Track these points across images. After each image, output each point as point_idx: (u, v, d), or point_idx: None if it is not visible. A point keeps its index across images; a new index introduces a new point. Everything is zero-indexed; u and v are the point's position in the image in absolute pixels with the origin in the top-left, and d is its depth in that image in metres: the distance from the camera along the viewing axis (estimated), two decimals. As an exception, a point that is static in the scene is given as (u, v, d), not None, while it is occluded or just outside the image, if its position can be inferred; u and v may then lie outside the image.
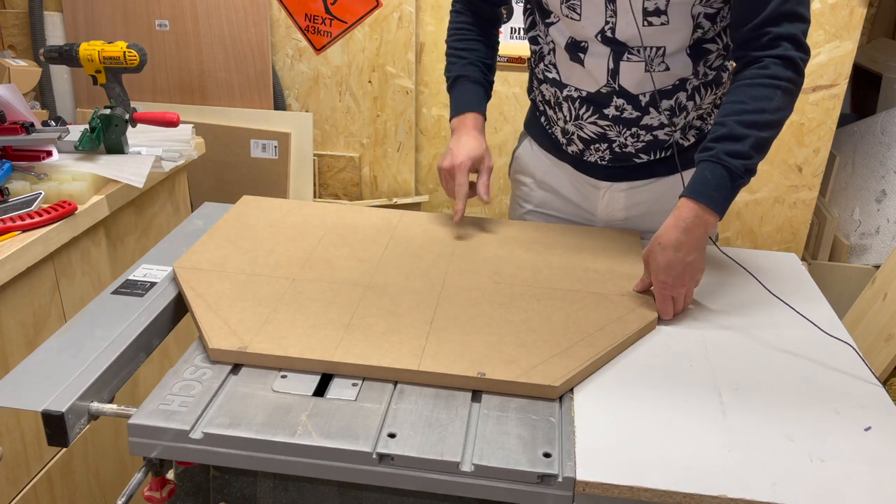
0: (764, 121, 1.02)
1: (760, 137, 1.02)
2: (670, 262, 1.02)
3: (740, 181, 1.02)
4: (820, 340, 1.01)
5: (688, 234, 1.02)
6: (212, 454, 0.79)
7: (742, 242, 2.66)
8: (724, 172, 1.01)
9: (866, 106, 2.90)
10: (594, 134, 1.25)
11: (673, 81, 1.18)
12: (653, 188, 1.31)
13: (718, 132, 1.03)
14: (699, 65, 1.17)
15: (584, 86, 1.22)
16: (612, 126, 1.23)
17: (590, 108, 1.23)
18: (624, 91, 1.19)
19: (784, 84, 1.03)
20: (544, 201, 1.41)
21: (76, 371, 0.86)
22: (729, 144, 1.01)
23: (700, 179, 1.03)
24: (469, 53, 1.32)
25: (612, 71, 1.17)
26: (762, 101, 1.02)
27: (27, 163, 1.48)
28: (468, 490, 0.77)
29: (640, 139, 1.24)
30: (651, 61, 1.15)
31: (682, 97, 1.20)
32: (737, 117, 1.02)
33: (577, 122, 1.26)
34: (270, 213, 1.29)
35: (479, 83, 1.31)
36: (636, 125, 1.22)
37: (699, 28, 1.12)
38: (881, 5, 2.83)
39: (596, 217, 1.37)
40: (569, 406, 0.86)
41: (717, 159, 1.01)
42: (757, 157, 1.02)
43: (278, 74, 2.62)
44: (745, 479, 0.75)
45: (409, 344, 0.92)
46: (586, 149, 1.29)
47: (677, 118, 1.22)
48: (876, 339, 2.12)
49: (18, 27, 2.55)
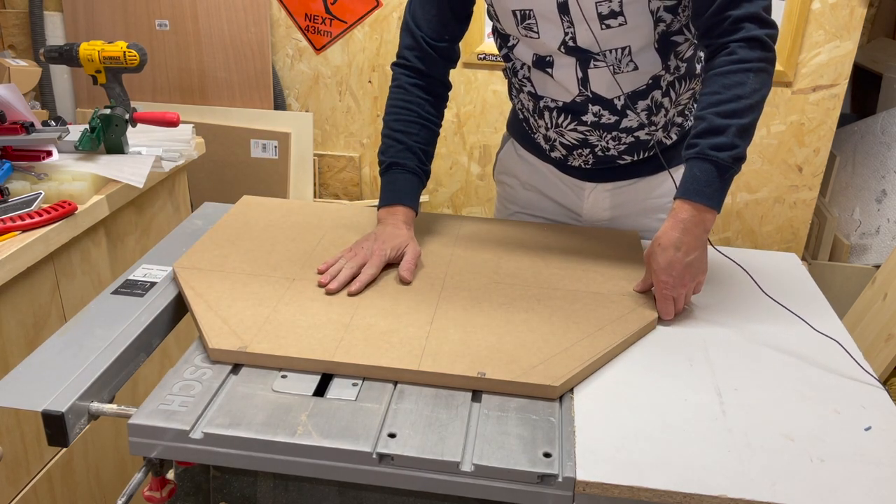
0: (742, 107, 1.01)
1: (742, 124, 1.01)
2: (671, 261, 1.02)
3: (730, 172, 1.02)
4: (820, 340, 1.01)
5: (687, 233, 1.02)
6: (212, 454, 0.79)
7: (742, 242, 2.66)
8: (711, 167, 1.01)
9: (866, 106, 2.90)
10: (575, 140, 1.26)
11: (646, 80, 1.17)
12: (637, 187, 1.31)
13: (700, 127, 1.02)
14: (669, 58, 1.16)
15: (558, 96, 1.22)
16: (592, 131, 1.23)
17: (568, 116, 1.23)
18: (598, 97, 1.18)
19: (754, 65, 1.02)
20: (530, 202, 1.41)
21: (76, 371, 0.86)
22: (712, 138, 1.01)
23: (690, 178, 1.02)
24: (407, 138, 1.21)
25: (582, 79, 1.17)
26: (736, 87, 1.01)
27: (27, 163, 1.48)
28: (468, 490, 0.77)
29: (621, 142, 1.24)
30: (619, 63, 1.14)
31: (657, 95, 1.19)
32: (714, 109, 1.01)
33: (557, 129, 1.26)
34: (270, 213, 1.29)
35: (413, 172, 1.21)
36: (616, 129, 1.22)
37: (661, 22, 1.11)
38: (881, 5, 2.83)
39: (581, 217, 1.37)
40: (569, 406, 0.86)
41: (704, 155, 1.01)
42: (742, 144, 1.02)
43: (278, 74, 2.62)
44: (745, 479, 0.75)
45: (409, 344, 0.92)
46: (569, 154, 1.29)
47: (656, 117, 1.22)
48: (876, 339, 2.12)
49: (18, 27, 2.55)
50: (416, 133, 1.22)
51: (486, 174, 2.71)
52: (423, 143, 1.23)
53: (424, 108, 1.23)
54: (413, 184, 1.21)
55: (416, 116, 1.23)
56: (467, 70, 2.55)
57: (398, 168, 1.21)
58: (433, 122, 1.25)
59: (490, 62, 2.53)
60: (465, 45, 2.37)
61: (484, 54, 2.51)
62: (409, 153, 1.21)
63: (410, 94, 1.23)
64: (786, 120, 2.47)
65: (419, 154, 1.22)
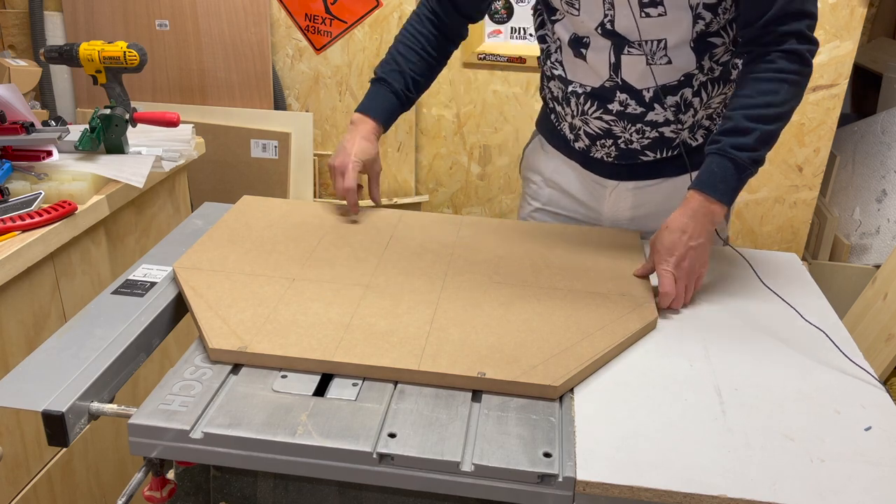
0: (771, 114, 1.06)
1: (766, 130, 1.05)
2: (674, 243, 1.06)
3: (747, 173, 1.06)
4: (820, 340, 1.01)
5: (694, 220, 1.06)
6: (212, 454, 0.79)
7: (742, 242, 2.66)
8: (730, 165, 1.06)
9: (866, 106, 2.90)
10: (599, 129, 1.26)
11: (678, 77, 1.18)
12: (660, 188, 1.31)
13: (726, 125, 1.07)
14: (704, 59, 1.17)
15: (588, 81, 1.23)
16: (617, 121, 1.23)
17: (594, 104, 1.24)
18: (627, 85, 1.19)
19: (791, 77, 1.06)
20: (551, 199, 1.42)
21: (76, 371, 0.86)
22: (735, 138, 1.05)
23: (707, 171, 1.07)
24: (404, 62, 1.31)
25: (614, 65, 1.18)
26: (769, 94, 1.06)
27: (27, 163, 1.48)
28: (468, 490, 0.77)
29: (645, 135, 1.24)
30: (653, 55, 1.15)
31: (687, 93, 1.20)
32: (744, 111, 1.06)
33: (582, 117, 1.26)
34: (270, 213, 1.29)
35: (396, 94, 1.31)
36: (640, 121, 1.22)
37: (700, 19, 1.12)
38: (881, 5, 2.83)
39: (602, 216, 1.37)
40: (569, 406, 0.86)
41: (724, 152, 1.06)
42: (763, 149, 1.06)
43: (278, 74, 2.62)
44: (745, 479, 0.75)
45: (409, 344, 0.92)
46: (592, 144, 1.29)
47: (683, 115, 1.22)
48: (876, 339, 2.12)
49: (18, 27, 2.55)
50: (414, 62, 1.32)
51: (487, 174, 2.71)
52: (416, 72, 1.32)
53: (432, 42, 1.33)
54: (391, 103, 1.32)
55: (420, 48, 1.32)
56: (467, 70, 2.55)
57: (384, 84, 1.31)
58: (433, 59, 1.34)
59: (490, 62, 2.53)
60: (466, 45, 2.38)
61: (484, 54, 2.51)
62: (400, 76, 1.31)
63: (423, 25, 1.33)
64: (786, 120, 2.47)
65: (408, 80, 1.32)
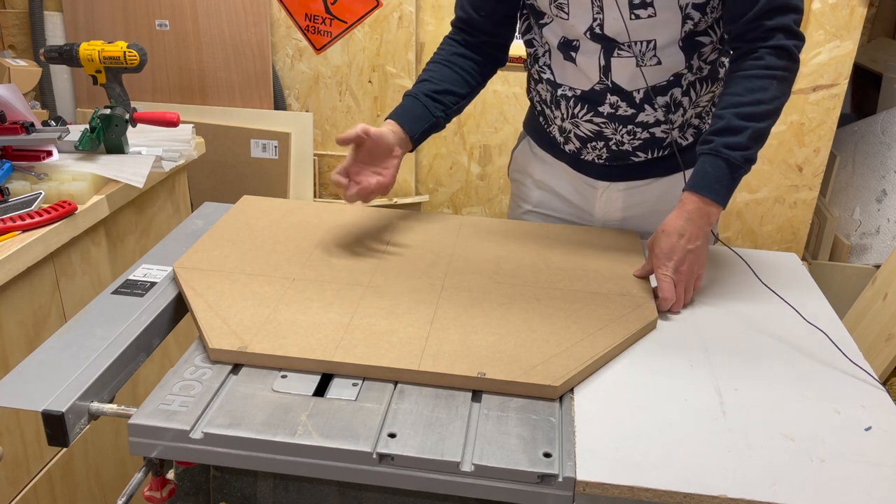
0: (761, 112, 1.05)
1: (758, 128, 1.05)
2: (673, 246, 1.06)
3: (740, 171, 1.06)
4: (820, 340, 1.01)
5: (691, 223, 1.06)
6: (212, 454, 0.79)
7: (742, 242, 2.66)
8: (723, 164, 1.05)
9: (866, 106, 2.90)
10: (590, 132, 1.26)
11: (667, 77, 1.18)
12: (651, 189, 1.31)
13: (717, 125, 1.06)
14: (692, 58, 1.17)
15: (578, 84, 1.22)
16: (608, 123, 1.23)
17: (585, 107, 1.23)
18: (617, 87, 1.19)
19: (779, 73, 1.06)
20: (542, 201, 1.41)
21: (76, 371, 0.86)
22: (727, 137, 1.05)
23: (701, 172, 1.07)
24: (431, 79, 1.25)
25: (604, 68, 1.18)
26: (758, 92, 1.05)
27: (27, 163, 1.48)
28: (468, 490, 0.77)
29: (636, 137, 1.24)
30: (642, 55, 1.15)
31: (676, 93, 1.20)
32: (734, 109, 1.05)
33: (573, 120, 1.26)
34: (270, 213, 1.29)
35: (426, 106, 1.23)
36: (631, 122, 1.22)
37: (689, 19, 1.12)
38: (881, 5, 2.83)
39: (594, 217, 1.37)
40: (569, 406, 0.86)
41: (717, 152, 1.05)
42: (755, 147, 1.06)
43: (278, 74, 2.62)
44: (745, 479, 0.75)
45: (409, 344, 0.92)
46: (583, 147, 1.29)
47: (673, 115, 1.22)
48: (876, 339, 2.12)
49: (18, 27, 2.55)
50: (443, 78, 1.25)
51: (486, 174, 2.71)
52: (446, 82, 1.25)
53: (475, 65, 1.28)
54: (420, 111, 1.23)
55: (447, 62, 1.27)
56: (467, 70, 2.55)
57: (411, 97, 1.24)
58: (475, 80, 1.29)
59: (490, 62, 2.52)
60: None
61: (484, 54, 2.51)
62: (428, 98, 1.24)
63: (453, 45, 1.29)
64: (786, 120, 2.47)
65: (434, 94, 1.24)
